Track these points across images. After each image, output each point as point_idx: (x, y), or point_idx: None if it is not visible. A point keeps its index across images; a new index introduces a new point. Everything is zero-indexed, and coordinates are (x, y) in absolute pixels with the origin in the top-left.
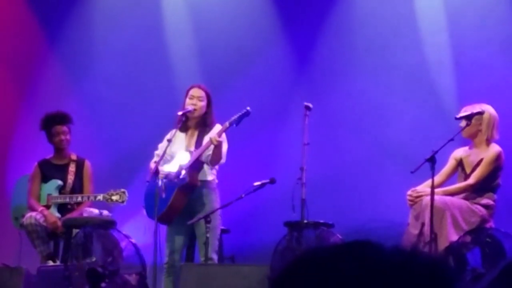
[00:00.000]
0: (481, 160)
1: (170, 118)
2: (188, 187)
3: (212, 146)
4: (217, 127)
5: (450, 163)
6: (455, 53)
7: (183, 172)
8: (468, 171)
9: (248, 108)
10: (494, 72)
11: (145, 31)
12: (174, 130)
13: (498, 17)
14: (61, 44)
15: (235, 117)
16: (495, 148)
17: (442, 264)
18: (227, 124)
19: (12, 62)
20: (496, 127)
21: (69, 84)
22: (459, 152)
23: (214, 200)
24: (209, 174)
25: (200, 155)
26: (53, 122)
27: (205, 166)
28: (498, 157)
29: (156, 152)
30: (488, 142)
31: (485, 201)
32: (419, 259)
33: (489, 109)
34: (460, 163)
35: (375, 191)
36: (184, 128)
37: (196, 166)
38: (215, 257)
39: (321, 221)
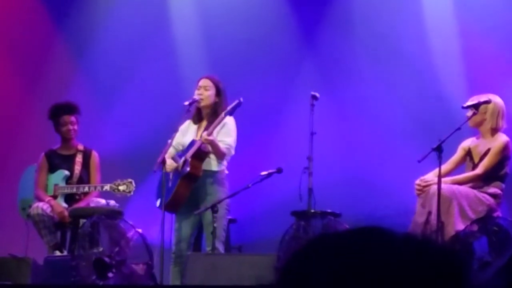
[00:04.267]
0: (488, 150)
1: (178, 108)
2: (190, 177)
3: (218, 134)
4: (228, 119)
5: (459, 152)
6: (461, 42)
7: (185, 161)
8: (476, 160)
9: (241, 99)
10: (501, 61)
11: (152, 20)
12: (187, 121)
13: (505, 5)
14: (67, 34)
15: (228, 108)
16: (502, 138)
17: (455, 252)
18: (222, 115)
19: (18, 52)
20: (502, 116)
21: (76, 74)
22: (467, 142)
23: (220, 191)
24: (216, 165)
25: (200, 145)
26: (61, 112)
27: (211, 156)
28: (505, 147)
29: (169, 141)
30: (494, 131)
31: (492, 190)
32: (432, 246)
33: (495, 99)
34: (468, 153)
35: (382, 180)
36: (196, 119)
37: (199, 156)
38: (221, 247)
39: (328, 210)
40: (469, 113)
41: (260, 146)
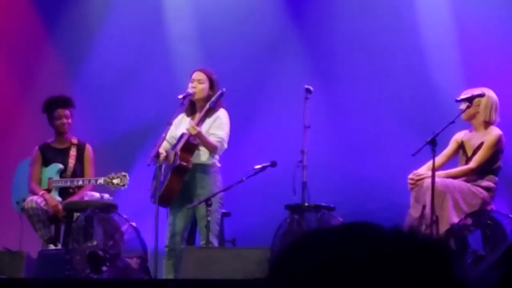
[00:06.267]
0: (481, 143)
1: (171, 101)
2: (180, 169)
3: (210, 127)
4: (221, 112)
5: (452, 145)
6: (455, 35)
7: (175, 154)
8: (469, 153)
9: (224, 89)
10: (495, 54)
11: (145, 13)
12: (181, 114)
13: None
14: (60, 28)
15: (212, 99)
16: (495, 131)
17: (442, 245)
18: (207, 106)
19: (10, 48)
20: (495, 110)
21: (69, 67)
22: (460, 135)
23: (213, 184)
24: (208, 158)
25: (188, 138)
26: (55, 105)
27: (202, 149)
28: (498, 140)
29: (163, 135)
30: (487, 124)
31: (486, 183)
32: (418, 239)
33: (489, 92)
34: (461, 146)
35: (376, 174)
36: (189, 112)
37: (188, 148)
38: (215, 241)
39: (322, 204)
40: (463, 106)
41: (254, 139)
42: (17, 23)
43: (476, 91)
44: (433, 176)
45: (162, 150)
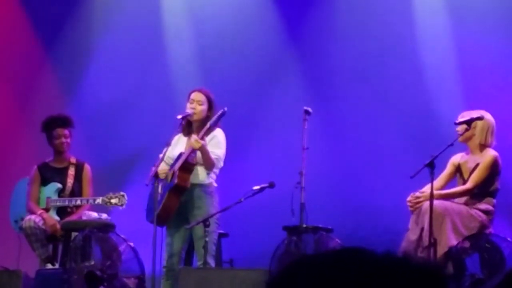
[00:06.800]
0: (477, 165)
1: (170, 121)
2: (178, 189)
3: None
4: (218, 131)
5: (449, 168)
6: (453, 58)
7: (173, 173)
8: (466, 176)
9: (225, 108)
10: (494, 77)
11: (144, 33)
12: (178, 135)
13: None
14: (58, 47)
15: (214, 118)
16: (490, 153)
17: (436, 269)
18: (208, 124)
19: (9, 66)
20: (492, 133)
21: (68, 87)
22: (457, 158)
23: (210, 204)
24: (205, 177)
25: (187, 157)
26: (54, 124)
27: (199, 169)
28: (494, 161)
29: (160, 155)
30: (483, 147)
31: (484, 206)
32: (410, 264)
33: (486, 115)
34: (458, 169)
35: (374, 196)
36: (186, 132)
37: (186, 167)
38: (212, 262)
39: (320, 225)
40: (461, 128)
41: (253, 160)
42: (16, 44)
43: (475, 113)
44: (431, 199)
45: (160, 171)
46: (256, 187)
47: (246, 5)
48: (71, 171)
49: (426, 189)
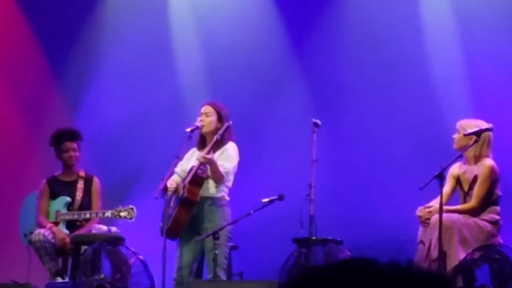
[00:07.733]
0: (475, 177)
1: (178, 134)
2: (187, 202)
3: (217, 159)
4: (230, 145)
5: (449, 182)
6: (462, 68)
7: (183, 187)
8: (465, 188)
9: (230, 122)
10: (503, 87)
11: (153, 47)
12: (192, 148)
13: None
14: (67, 63)
15: (220, 132)
16: (486, 163)
17: (438, 278)
18: (214, 138)
19: (18, 82)
20: (488, 145)
21: (76, 101)
22: (456, 169)
23: (221, 217)
24: (217, 191)
25: (196, 171)
26: (63, 138)
27: (211, 182)
28: (491, 172)
29: (175, 169)
30: (477, 158)
31: (489, 216)
32: (414, 274)
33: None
34: (458, 181)
35: (383, 207)
36: (200, 146)
37: (196, 181)
38: (222, 275)
39: (330, 237)
40: (457, 136)
41: (262, 173)
42: (25, 62)
43: (473, 122)
44: (440, 210)
45: (172, 183)
46: (265, 200)
47: (254, 19)
48: (80, 185)
49: (434, 203)
